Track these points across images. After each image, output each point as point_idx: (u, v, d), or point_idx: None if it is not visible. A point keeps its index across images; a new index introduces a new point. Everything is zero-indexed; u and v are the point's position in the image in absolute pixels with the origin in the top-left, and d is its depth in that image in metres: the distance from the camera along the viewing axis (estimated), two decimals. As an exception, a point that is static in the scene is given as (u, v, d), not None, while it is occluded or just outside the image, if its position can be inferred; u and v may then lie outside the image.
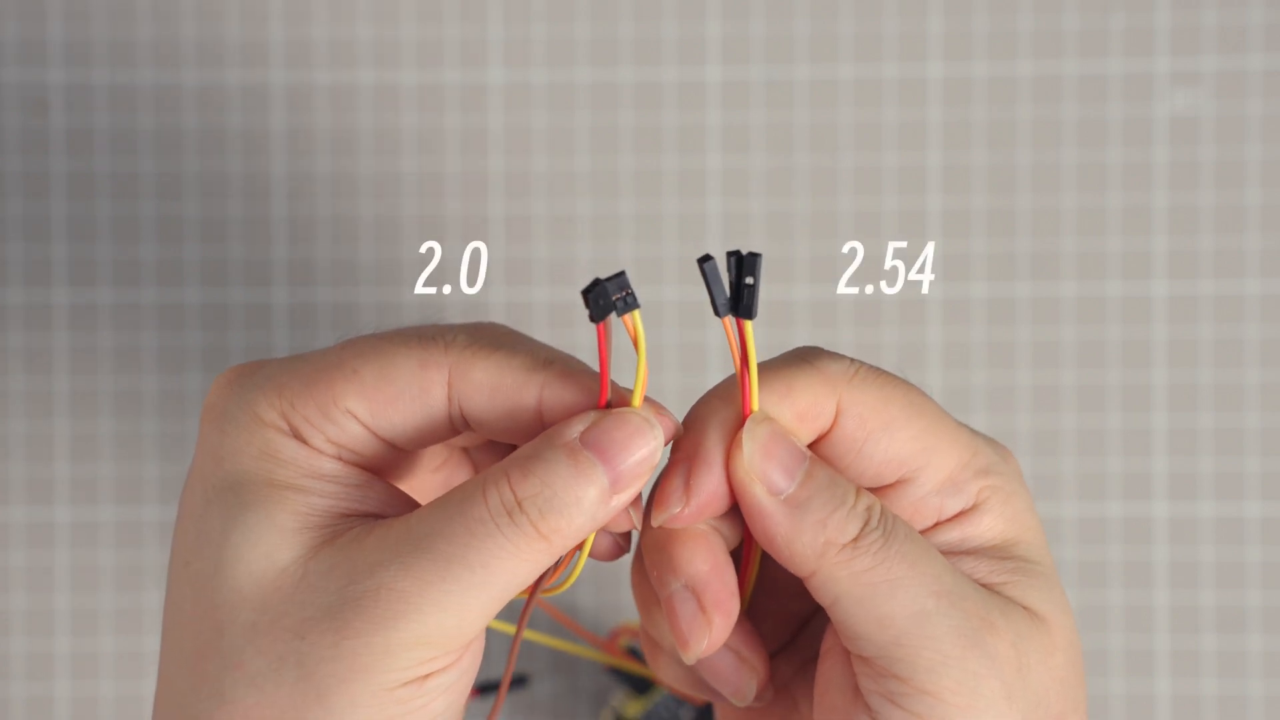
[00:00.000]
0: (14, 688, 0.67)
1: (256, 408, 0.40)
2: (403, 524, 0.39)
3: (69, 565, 0.67)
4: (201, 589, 0.39)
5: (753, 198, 0.67)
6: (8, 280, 0.67)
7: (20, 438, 0.67)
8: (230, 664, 0.38)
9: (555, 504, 0.38)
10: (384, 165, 0.67)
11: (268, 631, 0.38)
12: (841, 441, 0.41)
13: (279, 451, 0.40)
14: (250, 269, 0.67)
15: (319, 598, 0.38)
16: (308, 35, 0.67)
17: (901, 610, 0.39)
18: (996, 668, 0.39)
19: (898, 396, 0.41)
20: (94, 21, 0.67)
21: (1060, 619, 0.41)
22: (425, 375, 0.40)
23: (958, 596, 0.39)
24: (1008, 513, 0.42)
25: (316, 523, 0.39)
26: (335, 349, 0.41)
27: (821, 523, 0.39)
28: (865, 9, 0.67)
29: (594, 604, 0.67)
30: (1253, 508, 0.66)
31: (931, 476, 0.41)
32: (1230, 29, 0.66)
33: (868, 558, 0.39)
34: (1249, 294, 0.66)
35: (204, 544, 0.39)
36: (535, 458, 0.39)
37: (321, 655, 0.38)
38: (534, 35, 0.67)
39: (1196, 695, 0.66)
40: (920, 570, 0.39)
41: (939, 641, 0.39)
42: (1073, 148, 0.66)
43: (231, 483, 0.39)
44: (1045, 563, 0.42)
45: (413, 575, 0.38)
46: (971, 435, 0.42)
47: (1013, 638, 0.40)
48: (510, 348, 0.40)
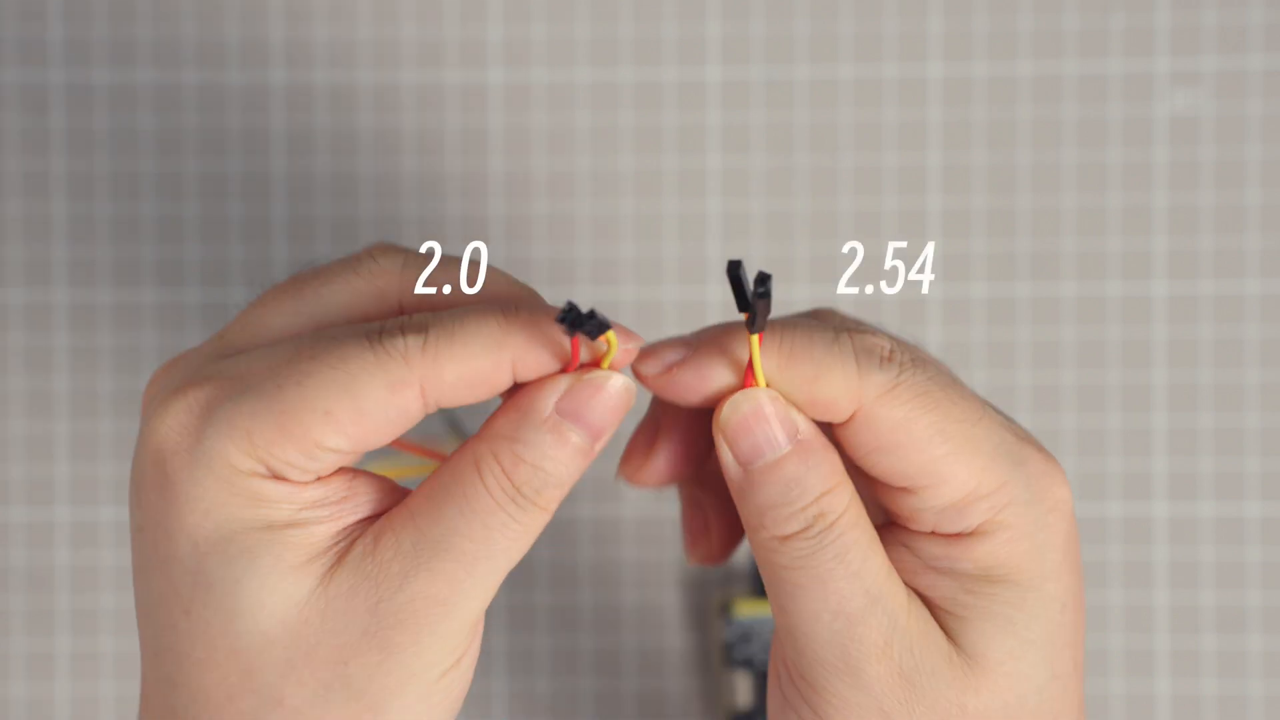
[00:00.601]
0: (14, 688, 0.67)
1: (230, 458, 0.39)
2: (410, 526, 0.39)
3: (69, 565, 0.67)
4: (214, 636, 0.39)
5: (753, 198, 0.67)
6: (8, 280, 0.67)
7: (20, 438, 0.67)
8: (269, 700, 0.39)
9: (550, 481, 0.39)
10: (384, 165, 0.67)
11: (306, 665, 0.39)
12: (850, 444, 0.41)
13: (266, 496, 0.39)
14: (250, 269, 0.67)
15: (351, 622, 0.39)
16: (308, 35, 0.67)
17: (799, 610, 0.41)
18: (876, 690, 0.41)
19: (926, 420, 0.40)
20: (94, 21, 0.67)
21: (1003, 665, 0.41)
22: (397, 398, 0.39)
23: (856, 620, 0.40)
24: (1009, 549, 0.41)
25: (321, 549, 0.40)
26: (290, 377, 0.39)
27: (762, 510, 0.40)
28: (865, 9, 0.67)
29: (592, 603, 0.67)
30: (1253, 508, 0.66)
31: (935, 499, 0.41)
32: (1230, 29, 0.66)
33: (788, 557, 0.41)
34: (1249, 294, 0.66)
35: (206, 593, 0.39)
36: (521, 441, 0.39)
37: (370, 675, 0.39)
38: (534, 35, 0.67)
39: (1196, 695, 0.66)
40: (830, 589, 0.40)
41: (821, 649, 0.41)
42: (1073, 148, 0.66)
43: (226, 533, 0.39)
44: (1030, 605, 0.41)
45: (443, 579, 0.39)
46: (1001, 466, 0.41)
47: (909, 670, 0.41)
48: (464, 328, 0.39)
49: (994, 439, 0.41)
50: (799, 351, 0.40)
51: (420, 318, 0.40)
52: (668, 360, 0.41)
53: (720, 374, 0.41)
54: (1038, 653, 0.41)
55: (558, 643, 0.66)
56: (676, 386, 0.41)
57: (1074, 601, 0.42)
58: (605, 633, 0.66)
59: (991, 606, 0.41)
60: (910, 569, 0.42)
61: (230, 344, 0.41)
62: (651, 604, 0.66)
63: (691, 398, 0.42)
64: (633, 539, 0.66)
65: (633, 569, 0.66)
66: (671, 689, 0.66)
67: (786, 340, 0.41)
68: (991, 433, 0.41)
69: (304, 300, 0.42)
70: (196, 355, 0.42)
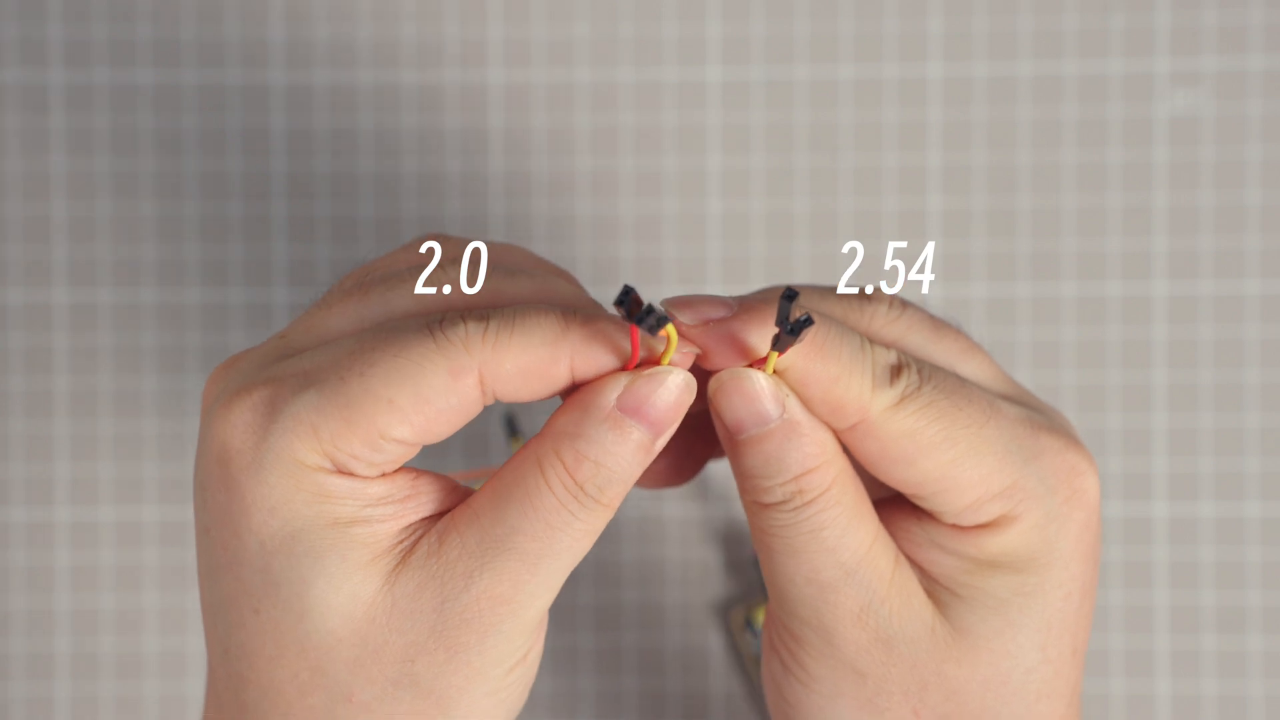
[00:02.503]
0: (14, 688, 0.66)
1: (295, 454, 0.39)
2: (473, 525, 0.40)
3: (69, 565, 0.67)
4: (284, 634, 0.40)
5: (753, 198, 0.67)
6: (8, 280, 0.67)
7: (20, 438, 0.67)
8: (339, 697, 0.40)
9: (613, 478, 0.39)
10: (384, 165, 0.67)
11: (374, 662, 0.39)
12: (858, 446, 0.41)
13: (332, 492, 0.40)
14: (250, 269, 0.67)
15: (418, 621, 0.39)
16: (308, 35, 0.67)
17: (777, 571, 0.42)
18: (850, 649, 0.42)
19: (932, 430, 0.41)
20: (94, 21, 0.67)
21: (995, 643, 0.41)
22: (459, 385, 0.39)
23: (827, 589, 0.41)
24: (1018, 542, 0.42)
25: (386, 546, 0.40)
26: (353, 369, 0.39)
27: (742, 474, 0.41)
28: (865, 9, 0.67)
29: (594, 602, 0.67)
30: (1253, 508, 0.66)
31: (945, 504, 0.41)
32: (1230, 29, 0.66)
33: (766, 523, 0.41)
34: (1249, 294, 0.66)
35: (275, 591, 0.40)
36: (583, 437, 0.39)
37: (437, 673, 0.40)
38: (534, 35, 0.67)
39: (1196, 695, 0.66)
40: (803, 560, 0.41)
41: (797, 607, 0.42)
42: (1073, 148, 0.66)
43: (292, 531, 0.39)
44: (1034, 592, 0.42)
45: (507, 578, 0.39)
46: (1011, 464, 0.41)
47: (885, 634, 0.41)
48: (524, 320, 0.40)
49: (1004, 438, 0.41)
50: (829, 350, 0.41)
51: (482, 309, 0.41)
52: (705, 314, 0.41)
53: (756, 342, 0.41)
54: (1029, 635, 0.42)
55: (558, 642, 0.66)
56: (709, 340, 0.41)
57: (1080, 589, 0.42)
58: (606, 632, 0.66)
59: (988, 589, 0.42)
60: (917, 542, 0.42)
61: (292, 344, 0.42)
62: (652, 604, 0.66)
63: (714, 359, 0.41)
64: (633, 539, 0.66)
65: (633, 569, 0.66)
66: (672, 688, 0.66)
67: (820, 334, 0.41)
68: (1002, 432, 0.41)
69: (368, 305, 0.42)
70: (257, 354, 0.42)
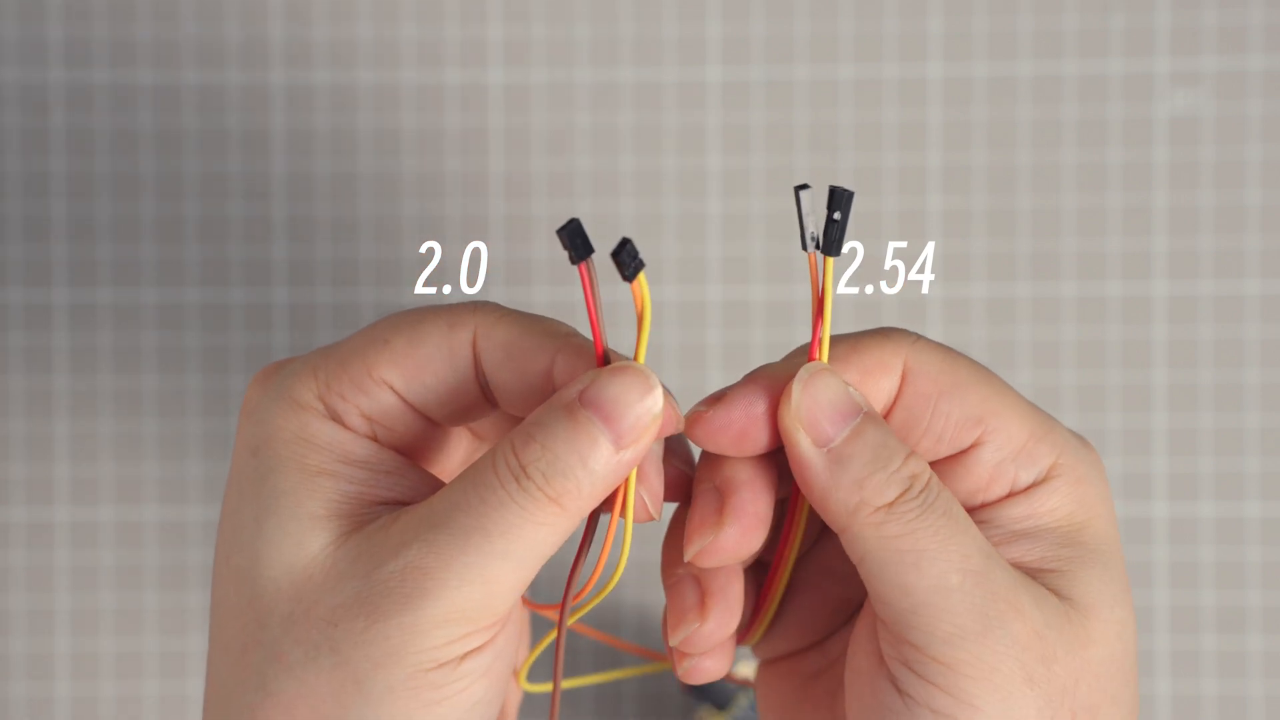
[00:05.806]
0: (14, 688, 0.67)
1: (293, 393, 0.40)
2: (425, 505, 0.39)
3: (69, 565, 0.67)
4: (242, 583, 0.40)
5: (753, 198, 0.67)
6: (8, 280, 0.67)
7: (20, 438, 0.67)
8: (272, 656, 0.39)
9: (559, 466, 0.38)
10: (384, 165, 0.67)
11: (302, 621, 0.39)
12: (915, 400, 0.41)
13: (315, 435, 0.40)
14: (250, 269, 0.67)
15: (348, 584, 0.39)
16: (308, 35, 0.67)
17: (923, 581, 0.39)
18: (1017, 651, 0.39)
19: (963, 364, 0.41)
20: (94, 21, 0.67)
21: (1108, 613, 0.41)
22: (453, 335, 0.40)
23: (984, 577, 0.39)
24: (1078, 494, 0.41)
25: (347, 510, 0.40)
26: (366, 327, 0.42)
27: (859, 482, 0.39)
28: (865, 9, 0.67)
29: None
30: (1253, 508, 0.66)
31: (1006, 441, 0.41)
32: (1230, 29, 0.66)
33: (899, 524, 0.39)
34: (1249, 294, 0.66)
35: (241, 538, 0.40)
36: (537, 422, 0.39)
37: (355, 641, 0.38)
38: (534, 35, 0.67)
39: (1196, 695, 0.66)
40: (950, 546, 0.39)
41: (957, 616, 0.39)
42: (1073, 148, 0.66)
43: (264, 472, 0.40)
44: (1109, 553, 0.41)
45: (434, 551, 0.38)
46: (1044, 414, 0.42)
47: (1039, 626, 0.39)
48: (535, 320, 0.41)
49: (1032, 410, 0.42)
50: (831, 340, 0.41)
51: None
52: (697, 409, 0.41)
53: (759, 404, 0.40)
54: (1127, 598, 0.41)
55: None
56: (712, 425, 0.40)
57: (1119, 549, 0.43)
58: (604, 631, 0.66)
59: (1085, 554, 0.41)
60: (997, 542, 0.41)
61: None
62: (651, 603, 0.66)
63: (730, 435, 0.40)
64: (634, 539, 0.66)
65: (632, 568, 0.66)
66: (672, 688, 0.66)
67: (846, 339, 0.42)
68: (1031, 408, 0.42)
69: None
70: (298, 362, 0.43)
